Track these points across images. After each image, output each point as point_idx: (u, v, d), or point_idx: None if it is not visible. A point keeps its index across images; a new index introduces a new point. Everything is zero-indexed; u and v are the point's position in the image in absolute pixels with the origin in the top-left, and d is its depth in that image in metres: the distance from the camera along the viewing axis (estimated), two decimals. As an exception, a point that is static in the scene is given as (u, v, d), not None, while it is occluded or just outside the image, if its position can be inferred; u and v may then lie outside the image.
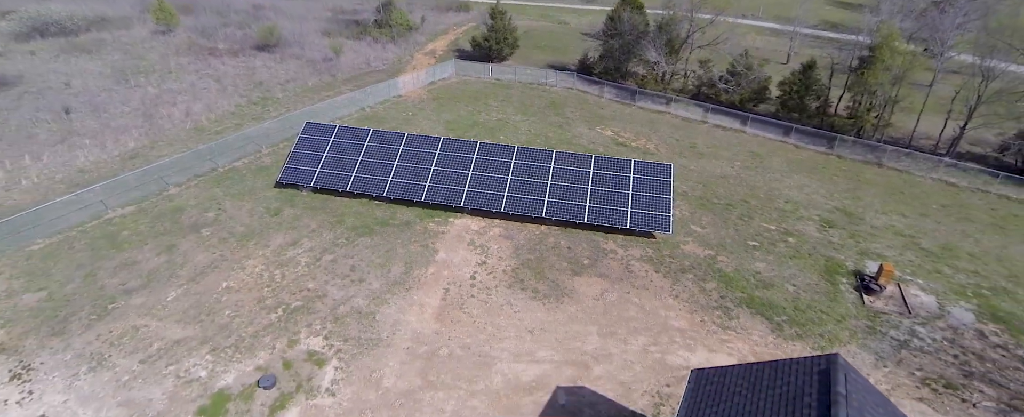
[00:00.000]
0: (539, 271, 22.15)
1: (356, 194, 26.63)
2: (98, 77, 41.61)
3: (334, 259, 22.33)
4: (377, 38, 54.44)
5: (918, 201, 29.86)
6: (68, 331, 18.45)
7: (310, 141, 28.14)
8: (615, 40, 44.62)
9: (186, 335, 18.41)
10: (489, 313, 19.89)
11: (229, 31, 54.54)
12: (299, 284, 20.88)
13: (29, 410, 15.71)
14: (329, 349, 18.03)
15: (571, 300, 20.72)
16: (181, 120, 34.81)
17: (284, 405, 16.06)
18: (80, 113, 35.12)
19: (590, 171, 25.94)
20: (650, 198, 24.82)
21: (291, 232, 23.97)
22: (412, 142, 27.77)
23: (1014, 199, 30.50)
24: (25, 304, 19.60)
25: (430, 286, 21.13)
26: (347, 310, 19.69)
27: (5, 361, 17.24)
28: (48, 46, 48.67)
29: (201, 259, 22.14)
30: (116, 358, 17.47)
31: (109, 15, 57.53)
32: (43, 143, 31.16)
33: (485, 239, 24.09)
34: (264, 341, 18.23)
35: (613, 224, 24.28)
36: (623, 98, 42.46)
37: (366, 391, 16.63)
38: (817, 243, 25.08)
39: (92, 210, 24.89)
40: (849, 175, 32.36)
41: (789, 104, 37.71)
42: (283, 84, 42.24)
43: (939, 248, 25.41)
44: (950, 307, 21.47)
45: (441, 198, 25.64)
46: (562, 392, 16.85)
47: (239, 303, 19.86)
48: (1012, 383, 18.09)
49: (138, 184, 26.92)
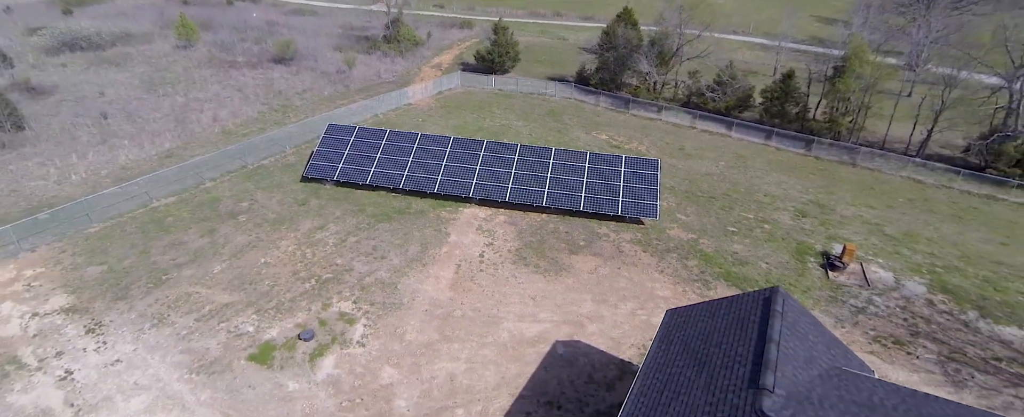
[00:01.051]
0: (540, 251, 25.12)
1: (375, 187, 29.72)
2: (128, 87, 45.03)
3: (358, 240, 25.30)
4: (386, 52, 58.05)
5: (886, 196, 32.92)
6: (130, 296, 21.35)
7: (332, 141, 31.32)
8: (610, 53, 48.13)
9: (233, 300, 21.31)
10: (496, 284, 22.80)
11: (246, 46, 58.17)
12: (328, 260, 23.82)
13: (105, 356, 18.54)
14: (358, 311, 20.91)
15: (568, 274, 23.65)
16: (209, 124, 38.06)
17: (322, 353, 18.89)
18: (116, 118, 38.37)
19: (585, 166, 29.07)
20: (639, 189, 27.88)
21: (318, 218, 26.99)
22: (425, 141, 30.95)
23: (974, 194, 33.55)
24: (90, 275, 22.52)
25: (444, 262, 24.07)
26: (372, 281, 22.61)
27: (79, 319, 20.12)
28: (78, 59, 52.24)
29: (240, 240, 25.12)
30: (174, 317, 20.34)
31: (133, 31, 61.28)
32: (86, 144, 34.33)
33: (492, 225, 27.09)
34: (301, 304, 21.12)
35: (606, 212, 27.31)
36: (617, 106, 45.83)
37: (392, 343, 19.47)
38: (790, 229, 28.07)
39: (139, 200, 27.94)
40: (824, 173, 35.47)
41: (771, 110, 41.01)
42: (300, 93, 45.64)
43: (901, 234, 28.38)
44: (905, 281, 24.38)
45: (451, 190, 28.70)
46: (560, 344, 19.69)
47: (276, 275, 22.78)
48: (952, 340, 20.93)
49: (177, 179, 30.02)
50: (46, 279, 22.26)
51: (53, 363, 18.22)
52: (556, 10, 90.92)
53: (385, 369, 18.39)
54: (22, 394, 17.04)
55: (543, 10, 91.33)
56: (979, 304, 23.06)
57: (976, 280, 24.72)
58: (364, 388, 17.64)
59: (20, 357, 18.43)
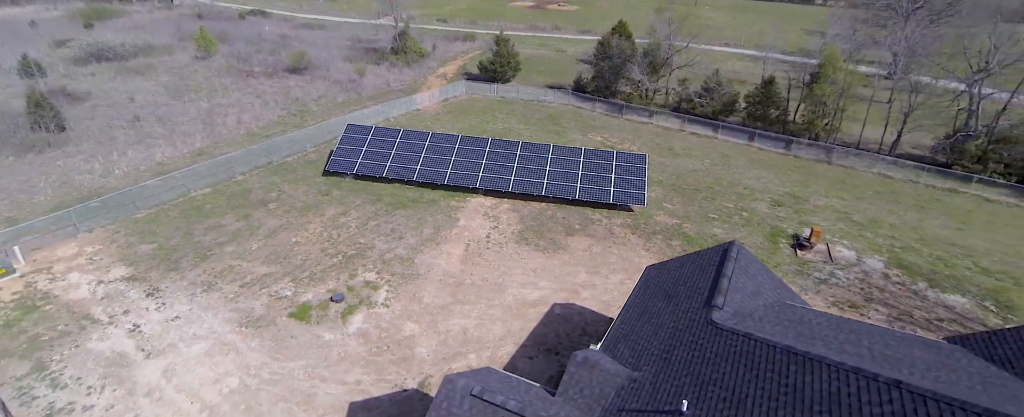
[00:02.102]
0: (540, 232, 28.34)
1: (391, 179, 33.05)
2: (155, 94, 48.61)
3: (377, 224, 28.54)
4: (394, 63, 61.85)
5: (857, 189, 36.22)
6: (181, 268, 24.52)
7: (351, 139, 34.72)
8: (605, 63, 51.82)
9: (271, 271, 24.48)
10: (501, 259, 25.99)
11: (261, 57, 61.97)
12: (352, 240, 27.03)
13: (165, 314, 21.67)
14: (381, 280, 24.07)
15: (565, 251, 26.84)
16: (234, 127, 41.51)
17: (352, 312, 22.02)
18: (147, 121, 41.83)
19: (581, 160, 32.44)
20: (629, 180, 31.20)
21: (340, 206, 30.25)
22: (435, 139, 34.35)
23: (938, 188, 36.85)
24: (143, 252, 25.71)
25: (454, 242, 27.28)
26: (392, 256, 25.79)
27: (139, 285, 23.27)
28: (105, 69, 55.95)
29: (272, 223, 28.36)
30: (221, 284, 23.49)
31: (153, 43, 65.18)
32: (124, 143, 37.71)
33: (496, 211, 30.35)
34: (330, 275, 24.28)
35: (599, 200, 30.60)
36: (612, 112, 49.38)
37: (411, 304, 22.61)
38: (766, 216, 31.33)
39: (178, 190, 31.22)
40: (801, 170, 38.82)
41: (754, 114, 44.51)
42: (315, 100, 49.21)
43: (867, 221, 31.62)
44: (866, 258, 27.57)
45: (460, 181, 32.01)
46: (558, 306, 22.81)
47: (307, 252, 25.98)
48: (901, 305, 24.06)
49: (210, 173, 33.33)
50: (105, 254, 25.46)
51: (122, 319, 21.34)
52: (555, 24, 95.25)
53: (407, 324, 21.51)
54: (99, 342, 20.14)
55: (542, 24, 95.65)
56: (929, 277, 26.23)
57: (930, 258, 27.91)
58: (389, 339, 20.75)
59: (92, 314, 21.56)
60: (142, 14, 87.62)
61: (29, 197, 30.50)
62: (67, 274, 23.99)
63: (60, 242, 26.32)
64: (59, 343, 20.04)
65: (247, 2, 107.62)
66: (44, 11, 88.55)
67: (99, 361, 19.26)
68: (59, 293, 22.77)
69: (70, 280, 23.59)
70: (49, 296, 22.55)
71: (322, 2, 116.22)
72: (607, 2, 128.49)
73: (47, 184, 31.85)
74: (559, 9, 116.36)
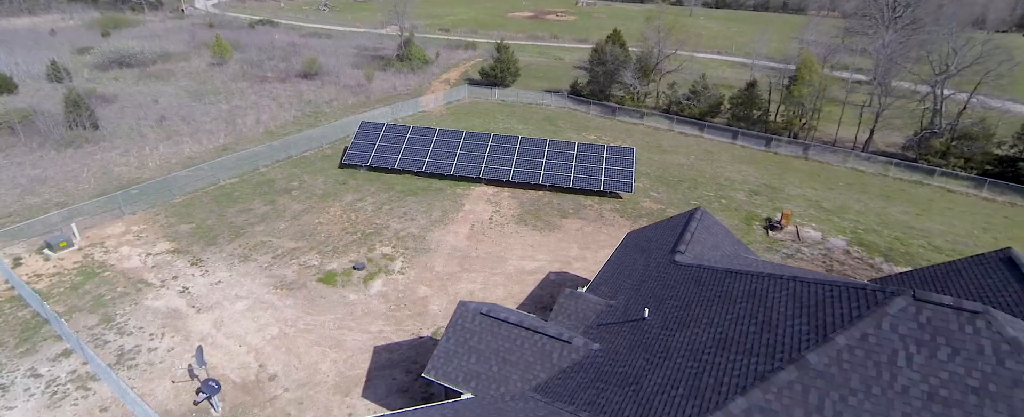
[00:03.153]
0: (537, 215, 31.74)
1: (402, 171, 36.49)
2: (177, 96, 52.22)
3: (391, 208, 31.93)
4: (399, 69, 65.63)
5: (829, 181, 39.68)
6: (218, 243, 27.86)
7: (365, 134, 38.21)
8: (599, 68, 55.56)
9: (298, 245, 27.82)
10: (503, 237, 29.35)
11: (273, 63, 65.71)
12: (369, 221, 30.41)
13: (209, 279, 24.97)
14: (396, 253, 27.41)
15: (560, 231, 30.22)
16: (254, 126, 45.04)
17: (372, 278, 25.32)
18: (173, 121, 45.37)
19: (574, 152, 35.93)
20: (618, 170, 34.66)
21: (357, 193, 33.66)
22: (442, 135, 37.86)
23: (904, 180, 40.30)
24: (183, 230, 29.06)
25: (461, 223, 30.65)
26: (405, 234, 29.16)
27: (183, 256, 26.60)
28: (127, 74, 59.63)
29: (296, 207, 31.74)
30: (255, 256, 26.82)
31: (170, 50, 69.00)
32: (153, 140, 41.19)
33: (498, 198, 33.77)
34: (351, 248, 27.62)
35: (591, 188, 34.03)
36: (605, 114, 53.00)
37: (424, 273, 25.93)
38: (743, 203, 34.75)
39: (208, 180, 34.63)
40: (779, 165, 42.30)
41: (737, 115, 48.12)
42: (327, 102, 52.82)
43: (835, 208, 35.03)
44: (830, 238, 30.94)
45: (465, 172, 35.45)
46: (552, 274, 26.14)
47: (329, 231, 29.33)
48: (857, 275, 27.39)
49: (235, 165, 36.76)
50: (150, 232, 28.80)
51: (171, 283, 24.63)
52: (553, 33, 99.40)
53: (420, 288, 24.81)
54: (154, 300, 23.41)
55: (541, 33, 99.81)
56: (886, 253, 29.60)
57: (889, 238, 31.29)
58: (406, 299, 24.04)
59: (146, 279, 24.85)
60: (155, 23, 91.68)
61: (74, 185, 33.90)
62: (119, 248, 27.32)
63: (108, 223, 29.67)
64: (120, 301, 23.33)
65: (256, 12, 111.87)
66: (60, 21, 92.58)
67: (156, 315, 22.54)
68: (114, 263, 26.08)
69: (122, 253, 26.92)
70: (106, 265, 25.87)
71: (326, 12, 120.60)
72: (604, 12, 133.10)
73: (89, 174, 35.26)
74: (557, 19, 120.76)
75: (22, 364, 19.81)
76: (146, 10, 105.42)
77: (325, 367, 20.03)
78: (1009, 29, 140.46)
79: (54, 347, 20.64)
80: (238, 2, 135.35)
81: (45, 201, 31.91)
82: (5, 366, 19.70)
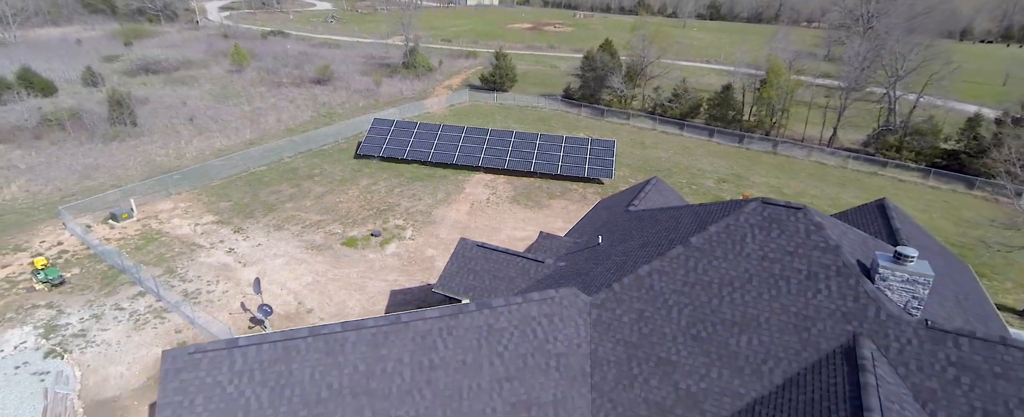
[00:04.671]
0: (528, 196, 36.86)
1: (410, 160, 41.71)
2: (202, 99, 57.72)
3: (401, 190, 37.09)
4: (405, 76, 71.20)
5: (793, 172, 44.78)
6: (254, 216, 32.99)
7: (377, 129, 43.52)
8: (590, 74, 61.01)
9: (323, 218, 32.93)
10: (498, 213, 34.44)
11: (288, 70, 71.31)
12: (383, 200, 35.53)
13: (250, 242, 30.06)
14: (407, 224, 32.50)
15: (548, 209, 35.31)
16: (275, 124, 50.41)
17: (387, 242, 30.38)
18: (202, 119, 50.76)
19: (562, 144, 41.15)
20: (600, 160, 39.83)
21: (371, 178, 38.84)
22: (445, 129, 43.14)
23: (861, 172, 45.39)
24: (223, 207, 34.21)
25: (462, 203, 35.77)
26: (414, 211, 34.27)
27: (226, 226, 31.71)
28: (153, 80, 65.26)
29: (319, 189, 36.91)
30: (287, 226, 31.93)
31: (191, 58, 74.76)
32: (187, 135, 46.53)
33: (495, 183, 38.92)
34: (369, 221, 32.71)
35: (576, 174, 39.17)
36: (595, 115, 58.34)
37: (430, 239, 30.99)
38: (711, 188, 39.84)
39: (240, 167, 39.87)
40: (749, 158, 47.46)
41: (714, 115, 53.41)
42: (340, 104, 58.27)
43: (794, 193, 40.08)
44: (783, 216, 35.91)
45: (465, 161, 40.64)
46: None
47: (349, 207, 34.45)
48: (800, 243, 32.34)
49: (262, 156, 42.02)
50: (195, 208, 33.96)
51: (219, 245, 29.72)
52: (550, 44, 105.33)
53: (428, 250, 29.86)
54: (207, 257, 28.48)
55: (539, 43, 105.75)
56: (830, 228, 34.54)
57: (835, 217, 36.25)
58: (416, 257, 29.08)
59: (197, 243, 29.94)
60: (172, 34, 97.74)
61: (124, 171, 39.15)
62: (171, 219, 32.47)
63: (158, 201, 34.84)
64: (178, 258, 28.41)
65: (266, 24, 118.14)
66: (82, 31, 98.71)
67: (210, 268, 27.60)
68: (169, 231, 31.21)
69: (174, 223, 32.06)
70: (162, 232, 31.00)
71: (333, 24, 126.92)
72: (600, 24, 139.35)
73: (135, 163, 40.54)
74: (555, 31, 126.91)
75: (108, 301, 24.86)
76: (163, 21, 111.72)
77: (351, 304, 25.04)
78: (994, 40, 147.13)
79: (130, 290, 25.69)
80: (249, 14, 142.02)
81: (101, 184, 37.13)
82: (94, 302, 24.75)
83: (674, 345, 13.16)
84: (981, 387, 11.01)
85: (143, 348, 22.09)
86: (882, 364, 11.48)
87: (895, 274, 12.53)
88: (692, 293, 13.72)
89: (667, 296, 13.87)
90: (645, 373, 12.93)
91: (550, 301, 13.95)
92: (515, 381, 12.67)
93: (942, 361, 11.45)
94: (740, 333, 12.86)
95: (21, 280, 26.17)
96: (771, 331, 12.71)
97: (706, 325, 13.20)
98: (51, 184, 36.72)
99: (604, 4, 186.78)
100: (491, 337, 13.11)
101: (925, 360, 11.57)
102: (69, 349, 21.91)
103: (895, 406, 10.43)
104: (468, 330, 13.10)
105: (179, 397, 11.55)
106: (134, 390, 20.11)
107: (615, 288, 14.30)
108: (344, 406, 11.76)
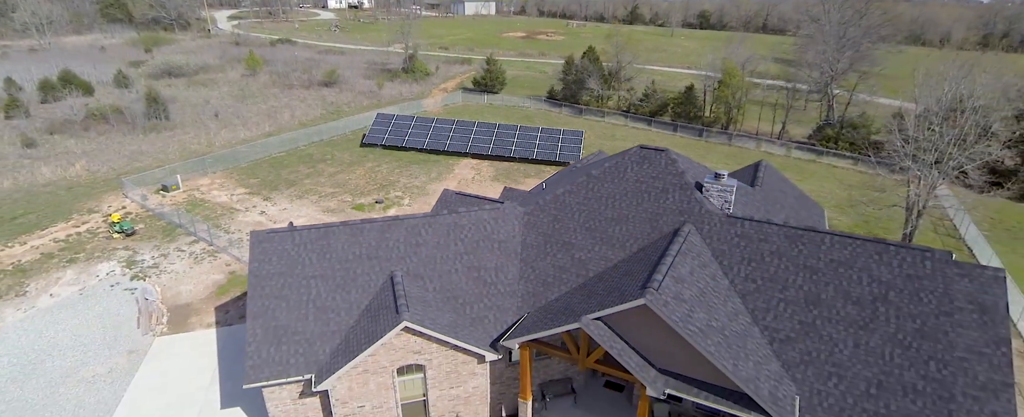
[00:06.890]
0: (508, 176, 44.45)
1: (408, 148, 49.40)
2: (223, 99, 65.60)
3: (400, 170, 44.71)
4: (404, 80, 79.16)
5: (742, 159, 52.18)
6: (279, 189, 40.59)
7: (380, 122, 51.25)
8: (570, 77, 68.88)
9: (336, 191, 40.52)
10: (481, 188, 42.01)
11: (297, 74, 79.31)
12: (385, 178, 43.14)
13: (277, 207, 37.62)
14: (405, 195, 40.07)
15: (524, 185, 42.80)
16: (290, 119, 58.18)
17: (389, 207, 37.94)
18: (225, 115, 58.56)
19: (537, 134, 48.82)
20: (570, 146, 47.44)
21: (375, 162, 46.49)
22: (438, 123, 50.87)
23: (802, 160, 52.92)
24: (252, 182, 41.83)
25: (451, 180, 43.36)
26: (411, 185, 41.85)
27: (256, 196, 39.31)
28: (176, 82, 73.26)
29: (331, 170, 44.56)
30: (307, 196, 39.52)
31: (208, 63, 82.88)
32: (214, 128, 54.29)
33: (480, 166, 46.55)
34: (373, 192, 40.29)
35: (550, 159, 46.77)
36: (574, 114, 66.07)
37: (424, 206, 38.52)
38: (665, 171, 47.33)
39: (264, 153, 47.55)
40: (706, 149, 55.02)
41: (679, 112, 61.12)
42: (346, 103, 66.13)
43: (736, 176, 47.53)
44: (721, 192, 43.44)
45: (455, 148, 48.29)
46: (513, 207, 38.74)
47: (357, 183, 42.05)
48: (729, 211, 39.87)
49: (281, 144, 49.72)
50: (228, 183, 41.57)
51: (252, 209, 37.28)
52: (541, 51, 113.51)
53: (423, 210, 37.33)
54: (244, 216, 36.03)
55: (531, 51, 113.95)
56: (759, 201, 42.01)
57: (766, 193, 43.71)
58: (412, 218, 36.58)
59: (235, 207, 37.50)
60: (187, 42, 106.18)
61: (164, 155, 46.85)
62: (210, 191, 40.08)
63: (197, 178, 42.45)
64: (221, 217, 35.96)
65: (274, 32, 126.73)
66: (104, 39, 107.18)
67: (247, 224, 35.14)
68: (210, 199, 38.80)
69: (213, 194, 39.66)
70: (205, 200, 38.58)
71: (336, 32, 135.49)
72: (591, 33, 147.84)
73: (173, 149, 48.27)
74: (548, 39, 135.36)
75: (170, 246, 32.37)
76: (177, 30, 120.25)
77: (361, 248, 32.50)
78: (973, 48, 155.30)
79: (187, 239, 33.19)
80: (256, 23, 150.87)
81: (147, 164, 44.80)
82: (160, 247, 32.27)
83: (574, 234, 20.67)
84: (751, 247, 18.46)
85: (203, 275, 29.58)
86: (694, 236, 18.96)
87: (714, 187, 20.05)
88: (587, 204, 21.28)
89: (572, 206, 21.45)
90: (554, 250, 20.43)
91: (497, 210, 21.50)
92: (471, 255, 20.16)
93: (731, 234, 18.92)
94: (616, 225, 20.36)
95: (100, 231, 33.75)
96: (635, 222, 20.21)
97: (595, 221, 20.73)
98: (107, 164, 44.43)
99: (598, 14, 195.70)
100: (456, 230, 20.64)
101: (723, 234, 19.03)
102: (147, 276, 29.41)
103: (692, 253, 17.88)
104: (443, 225, 20.65)
105: (261, 257, 19.04)
106: (201, 300, 27.57)
107: (540, 202, 21.89)
108: (362, 263, 19.25)
